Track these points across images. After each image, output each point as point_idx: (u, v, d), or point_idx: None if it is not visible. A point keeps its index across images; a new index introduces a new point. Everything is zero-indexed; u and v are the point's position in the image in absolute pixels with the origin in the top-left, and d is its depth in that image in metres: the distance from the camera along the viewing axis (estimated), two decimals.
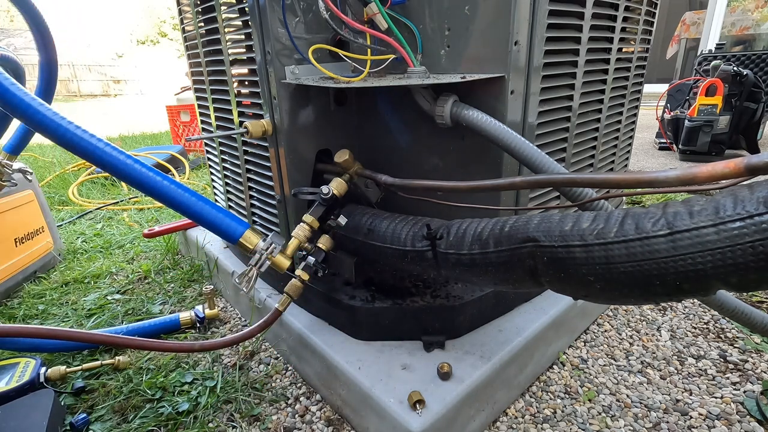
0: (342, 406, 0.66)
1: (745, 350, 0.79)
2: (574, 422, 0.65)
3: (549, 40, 0.59)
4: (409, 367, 0.62)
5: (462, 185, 0.52)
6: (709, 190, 0.36)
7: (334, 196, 0.61)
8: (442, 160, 0.68)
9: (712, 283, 0.31)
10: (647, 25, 0.88)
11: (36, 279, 1.17)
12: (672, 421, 0.65)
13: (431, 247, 0.51)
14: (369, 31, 0.59)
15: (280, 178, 0.70)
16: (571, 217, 0.39)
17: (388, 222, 0.58)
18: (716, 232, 0.30)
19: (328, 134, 0.70)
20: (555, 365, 0.77)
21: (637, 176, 0.36)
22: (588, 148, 0.78)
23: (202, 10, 0.79)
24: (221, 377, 0.75)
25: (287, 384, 0.75)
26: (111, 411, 0.69)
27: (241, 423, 0.66)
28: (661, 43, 4.75)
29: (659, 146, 2.53)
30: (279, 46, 0.60)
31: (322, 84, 0.57)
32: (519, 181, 0.47)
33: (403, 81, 0.55)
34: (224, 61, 0.76)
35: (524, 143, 0.53)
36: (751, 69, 2.33)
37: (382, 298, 0.67)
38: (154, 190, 0.51)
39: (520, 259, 0.42)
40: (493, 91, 0.58)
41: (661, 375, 0.74)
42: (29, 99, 0.47)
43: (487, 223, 0.47)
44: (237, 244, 0.57)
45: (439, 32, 0.61)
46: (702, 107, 2.12)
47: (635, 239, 0.33)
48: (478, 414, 0.62)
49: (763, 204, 0.28)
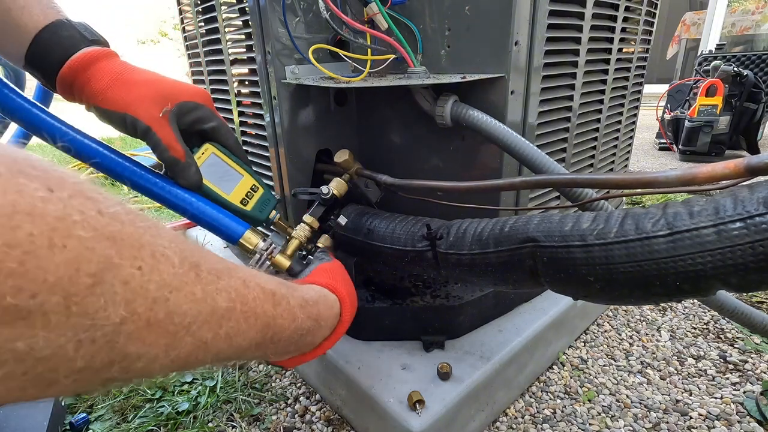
0: (342, 406, 0.66)
1: (745, 351, 0.79)
2: (574, 422, 0.65)
3: (549, 41, 0.59)
4: (409, 367, 0.62)
5: (462, 185, 0.52)
6: (709, 191, 0.36)
7: (334, 196, 0.61)
8: (442, 160, 0.68)
9: (712, 283, 0.31)
10: (647, 26, 0.88)
11: None
12: (672, 422, 0.65)
13: (431, 247, 0.51)
14: (369, 31, 0.59)
15: (280, 178, 0.70)
16: (571, 218, 0.39)
17: (388, 222, 0.58)
18: (716, 233, 0.30)
19: (328, 134, 0.70)
20: (555, 365, 0.77)
21: (637, 176, 0.36)
22: (588, 148, 0.78)
23: (202, 10, 0.80)
24: (221, 377, 0.75)
25: (287, 384, 0.75)
26: (111, 410, 0.69)
27: (241, 423, 0.66)
28: (661, 44, 4.75)
29: (659, 146, 2.53)
30: (279, 46, 0.60)
31: (322, 84, 0.57)
32: (519, 182, 0.47)
33: (404, 81, 0.55)
34: (224, 61, 0.76)
35: (524, 143, 0.53)
36: (751, 69, 2.33)
37: (382, 298, 0.67)
38: (153, 191, 0.51)
39: (520, 259, 0.42)
40: (493, 91, 0.58)
41: (660, 375, 0.74)
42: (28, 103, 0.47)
43: (487, 224, 0.47)
44: (237, 244, 0.57)
45: (440, 32, 0.61)
46: (702, 108, 2.12)
47: (635, 239, 0.33)
48: (477, 414, 0.62)
49: (763, 204, 0.28)
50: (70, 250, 0.18)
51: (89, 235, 0.19)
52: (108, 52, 0.45)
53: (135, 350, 0.21)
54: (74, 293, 0.18)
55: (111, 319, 0.20)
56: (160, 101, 0.46)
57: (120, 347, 0.21)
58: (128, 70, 0.45)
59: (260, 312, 0.31)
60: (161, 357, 0.23)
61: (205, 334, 0.25)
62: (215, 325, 0.26)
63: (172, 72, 0.51)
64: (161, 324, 0.22)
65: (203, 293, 0.25)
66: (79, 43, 0.44)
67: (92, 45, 0.45)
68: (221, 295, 0.27)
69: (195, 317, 0.24)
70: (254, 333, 0.30)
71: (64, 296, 0.18)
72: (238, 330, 0.28)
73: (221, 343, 0.27)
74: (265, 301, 0.32)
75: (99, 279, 0.19)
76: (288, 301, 0.35)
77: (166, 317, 0.23)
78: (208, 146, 0.53)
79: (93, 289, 0.19)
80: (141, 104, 0.45)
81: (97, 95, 0.44)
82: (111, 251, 0.20)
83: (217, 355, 0.27)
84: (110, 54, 0.45)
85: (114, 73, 0.44)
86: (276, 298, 0.33)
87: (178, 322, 0.23)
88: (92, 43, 0.45)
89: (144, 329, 0.21)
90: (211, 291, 0.26)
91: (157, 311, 0.22)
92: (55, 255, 0.17)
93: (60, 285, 0.17)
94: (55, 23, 0.43)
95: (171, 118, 0.46)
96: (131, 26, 7.32)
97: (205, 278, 0.26)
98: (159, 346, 0.23)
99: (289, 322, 0.35)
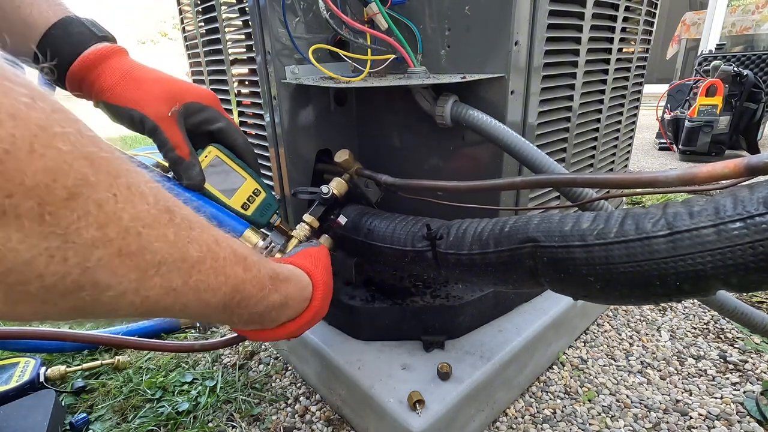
0: (342, 406, 0.66)
1: (745, 351, 0.79)
2: (574, 422, 0.65)
3: (549, 40, 0.59)
4: (409, 367, 0.62)
5: (462, 185, 0.52)
6: (709, 191, 0.36)
7: (334, 195, 0.61)
8: (442, 160, 0.68)
9: (712, 283, 0.31)
10: (647, 26, 0.88)
11: None
12: (672, 422, 0.65)
13: (431, 247, 0.51)
14: (369, 31, 0.59)
15: (280, 177, 0.70)
16: (571, 218, 0.39)
17: (388, 222, 0.57)
18: (716, 233, 0.29)
19: (328, 134, 0.70)
20: (555, 365, 0.77)
21: (637, 176, 0.36)
22: (588, 148, 0.78)
23: (202, 10, 0.80)
24: (221, 377, 0.75)
25: (287, 384, 0.75)
26: (111, 410, 0.69)
27: (241, 423, 0.66)
28: (661, 44, 4.75)
29: (659, 146, 2.53)
30: (279, 46, 0.60)
31: (322, 84, 0.57)
32: (519, 181, 0.47)
33: (404, 81, 0.55)
34: (224, 61, 0.76)
35: (524, 143, 0.53)
36: (751, 69, 2.33)
37: (382, 298, 0.67)
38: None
39: (519, 259, 0.42)
40: (493, 91, 0.58)
41: (660, 375, 0.74)
42: None
43: (487, 224, 0.47)
44: None
45: (440, 32, 0.61)
46: (702, 108, 2.12)
47: (635, 239, 0.33)
48: (477, 414, 0.62)
49: (763, 204, 0.28)
50: (49, 159, 0.18)
51: (68, 149, 0.19)
52: (118, 49, 0.46)
53: (105, 279, 0.21)
54: (49, 202, 0.18)
55: (83, 236, 0.20)
56: (169, 100, 0.47)
57: (91, 272, 0.21)
58: (137, 68, 0.46)
59: (230, 273, 0.31)
60: (130, 293, 0.23)
61: (174, 280, 0.26)
62: (185, 274, 0.26)
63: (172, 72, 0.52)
64: (132, 257, 0.22)
65: (175, 237, 0.25)
66: (89, 39, 0.45)
67: (102, 41, 0.45)
68: (192, 245, 0.27)
69: (165, 259, 0.24)
70: (223, 293, 0.30)
71: (38, 203, 0.18)
72: (208, 285, 0.29)
73: (190, 295, 0.27)
74: (236, 263, 0.31)
75: (74, 193, 0.19)
76: (258, 269, 0.35)
77: (137, 251, 0.23)
78: (211, 149, 0.53)
79: (68, 202, 0.19)
80: (150, 102, 0.45)
81: (106, 91, 0.44)
82: (88, 170, 0.20)
83: (185, 306, 0.27)
84: (120, 51, 0.46)
85: (123, 71, 0.45)
86: (247, 263, 0.33)
87: (149, 259, 0.23)
88: (101, 39, 0.46)
89: (115, 257, 0.22)
90: (183, 237, 0.26)
91: (130, 242, 0.22)
92: (34, 161, 0.17)
93: (36, 192, 0.18)
94: (64, 20, 0.44)
95: (178, 118, 0.48)
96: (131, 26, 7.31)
97: (179, 224, 0.26)
98: (129, 280, 0.23)
99: (257, 290, 0.34)
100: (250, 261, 0.34)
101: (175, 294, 0.26)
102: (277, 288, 0.38)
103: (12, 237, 0.17)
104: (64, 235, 0.19)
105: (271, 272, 0.37)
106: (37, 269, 0.19)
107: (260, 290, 0.35)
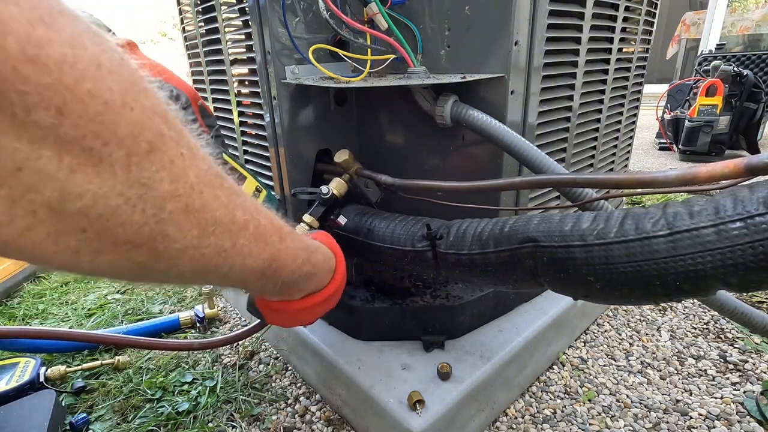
0: (342, 406, 0.66)
1: (745, 350, 0.79)
2: (574, 422, 0.65)
3: (549, 40, 0.59)
4: (409, 367, 0.62)
5: (462, 185, 0.52)
6: (709, 191, 0.36)
7: (333, 196, 0.61)
8: (442, 160, 0.68)
9: (712, 283, 0.31)
10: (647, 26, 0.88)
11: (36, 279, 1.17)
12: (672, 422, 0.65)
13: (431, 247, 0.51)
14: (369, 31, 0.59)
15: (280, 178, 0.70)
16: (571, 218, 0.39)
17: (388, 222, 0.57)
18: (716, 233, 0.30)
19: (328, 134, 0.70)
20: (555, 365, 0.77)
21: (637, 176, 0.36)
22: (588, 148, 0.78)
23: (202, 10, 0.80)
24: (221, 377, 0.75)
25: (287, 384, 0.75)
26: (111, 410, 0.69)
27: (241, 423, 0.66)
28: (661, 44, 4.75)
29: (659, 146, 2.53)
30: (279, 46, 0.60)
31: (322, 84, 0.57)
32: (519, 181, 0.47)
33: (404, 81, 0.55)
34: (224, 61, 0.76)
35: (524, 143, 0.53)
36: (751, 69, 2.33)
37: (382, 298, 0.67)
38: None
39: (519, 259, 0.42)
40: (493, 91, 0.58)
41: (661, 375, 0.74)
42: None
43: (487, 224, 0.47)
44: None
45: (439, 32, 0.61)
46: (702, 107, 2.12)
47: (635, 239, 0.33)
48: (478, 414, 0.62)
49: (763, 204, 0.28)
50: (136, 113, 0.19)
51: (149, 105, 0.20)
52: (130, 43, 0.48)
53: (173, 232, 0.23)
54: (135, 153, 0.20)
55: (158, 189, 0.21)
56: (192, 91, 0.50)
57: (163, 224, 0.22)
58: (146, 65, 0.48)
59: (269, 240, 0.32)
60: (190, 250, 0.24)
61: (226, 241, 0.27)
62: (234, 236, 0.27)
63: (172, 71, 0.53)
64: (196, 213, 0.24)
65: (227, 200, 0.26)
66: None
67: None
68: (238, 210, 0.28)
69: (220, 219, 0.26)
70: (262, 260, 0.31)
71: (127, 153, 0.19)
72: (250, 251, 0.29)
73: (236, 258, 0.28)
74: (273, 232, 0.33)
75: (154, 147, 0.20)
76: (293, 239, 0.36)
77: (200, 208, 0.24)
78: None
79: (149, 155, 0.20)
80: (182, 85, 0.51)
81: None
82: (163, 127, 0.21)
83: (230, 269, 0.28)
84: (132, 45, 0.49)
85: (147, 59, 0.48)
86: (282, 233, 0.34)
87: (209, 218, 0.25)
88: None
89: (182, 212, 0.23)
90: (232, 201, 0.27)
91: (194, 199, 0.23)
92: (125, 113, 0.19)
93: (126, 142, 0.19)
94: None
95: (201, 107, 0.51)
96: (131, 26, 7.31)
97: (228, 188, 0.27)
98: (192, 236, 0.24)
99: (291, 260, 0.36)
100: (285, 231, 0.35)
101: (225, 255, 0.27)
102: (308, 257, 0.39)
103: (105, 183, 0.19)
104: (146, 185, 0.20)
105: (302, 243, 0.39)
106: (121, 217, 0.20)
107: (293, 260, 0.36)
